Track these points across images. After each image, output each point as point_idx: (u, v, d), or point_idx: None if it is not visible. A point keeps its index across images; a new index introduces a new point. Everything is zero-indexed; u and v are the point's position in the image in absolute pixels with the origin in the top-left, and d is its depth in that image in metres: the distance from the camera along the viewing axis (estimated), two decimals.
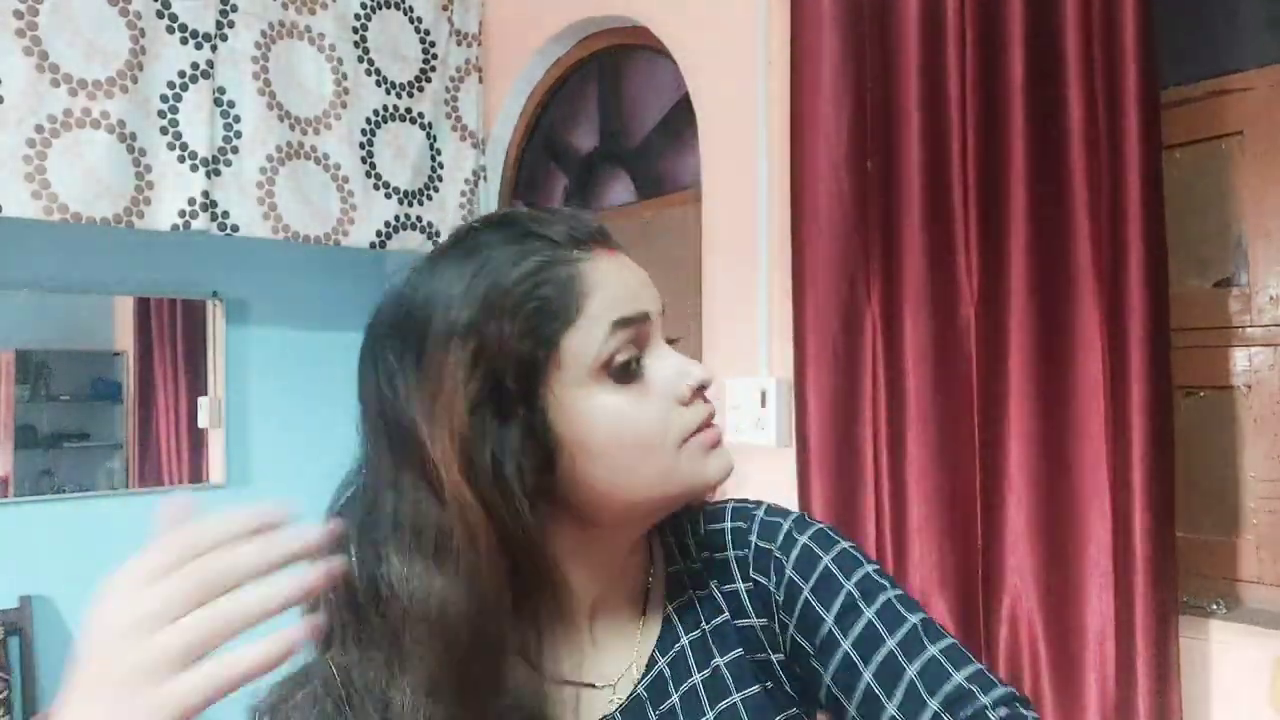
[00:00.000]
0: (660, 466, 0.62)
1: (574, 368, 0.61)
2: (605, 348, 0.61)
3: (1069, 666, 1.57)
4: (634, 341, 0.63)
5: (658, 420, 0.62)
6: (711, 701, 0.67)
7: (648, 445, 0.62)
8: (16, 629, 2.55)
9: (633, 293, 0.64)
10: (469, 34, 2.98)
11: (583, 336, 0.61)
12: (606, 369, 0.61)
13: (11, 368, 2.74)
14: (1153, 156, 1.50)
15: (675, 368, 0.64)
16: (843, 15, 1.90)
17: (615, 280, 0.63)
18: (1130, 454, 1.49)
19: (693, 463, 0.63)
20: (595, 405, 0.61)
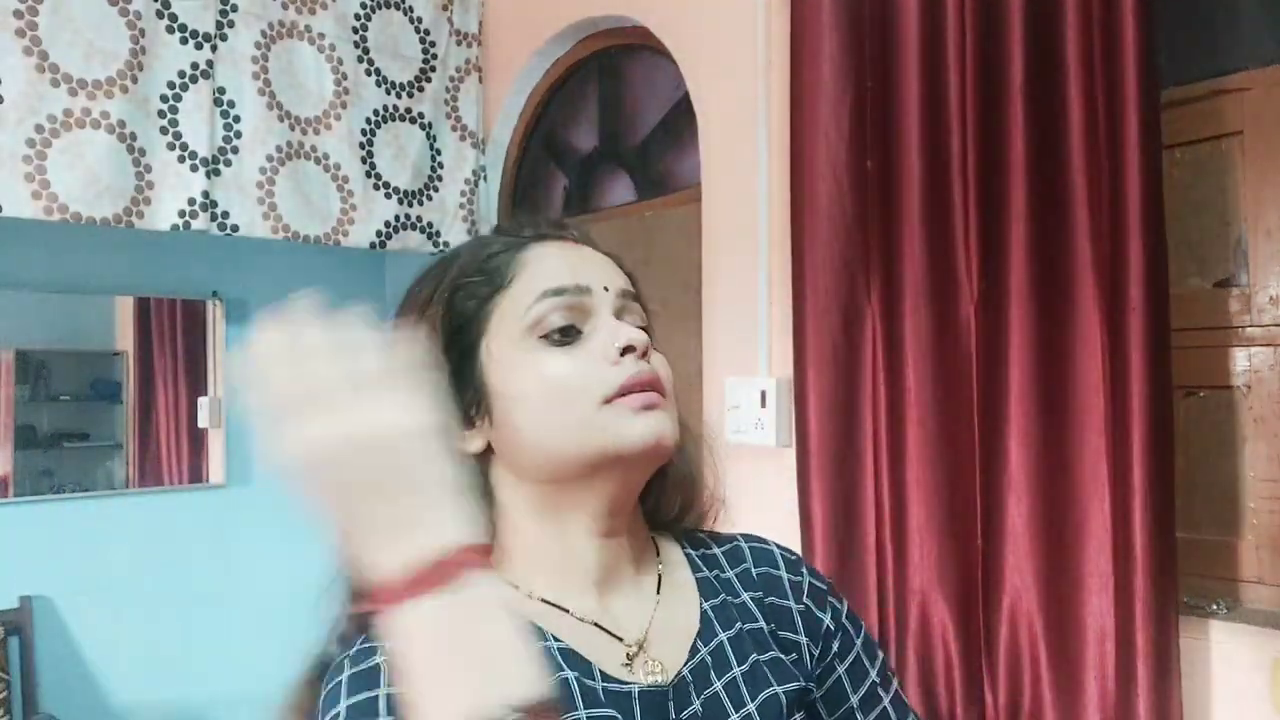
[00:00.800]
0: (578, 418, 0.65)
1: (508, 328, 0.68)
2: (533, 311, 0.67)
3: (1069, 666, 1.57)
4: (571, 309, 0.68)
5: (580, 375, 0.66)
6: (753, 693, 0.70)
7: (567, 396, 0.66)
8: (16, 629, 2.55)
9: (570, 268, 0.70)
10: (469, 34, 2.98)
11: (513, 301, 0.68)
12: (537, 330, 0.67)
13: (11, 368, 2.73)
14: (1153, 156, 1.50)
15: (608, 331, 0.68)
16: (843, 15, 1.90)
17: (555, 258, 0.71)
18: (1130, 454, 1.49)
19: (615, 421, 0.65)
20: (525, 360, 0.67)
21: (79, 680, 2.72)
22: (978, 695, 1.70)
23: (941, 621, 1.74)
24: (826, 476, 1.90)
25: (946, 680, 1.74)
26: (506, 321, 0.68)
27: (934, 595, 1.75)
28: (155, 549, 2.86)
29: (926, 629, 1.76)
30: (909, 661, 1.78)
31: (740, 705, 0.69)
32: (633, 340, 0.67)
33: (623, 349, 0.67)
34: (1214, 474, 1.66)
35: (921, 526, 1.76)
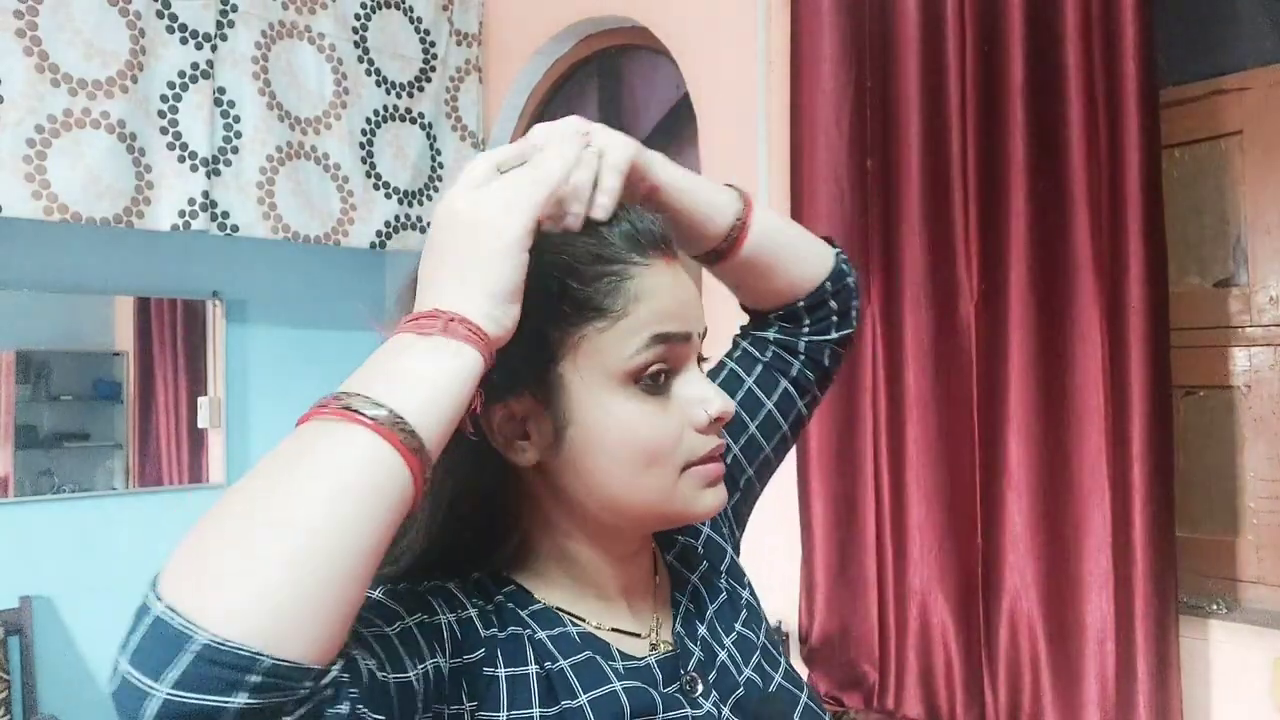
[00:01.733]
0: (661, 483, 0.63)
1: (604, 360, 0.62)
2: (640, 357, 0.62)
3: (1069, 666, 1.57)
4: (668, 358, 0.63)
5: (670, 438, 0.63)
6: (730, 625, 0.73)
7: (654, 458, 0.62)
8: (16, 629, 2.55)
9: (681, 310, 0.64)
10: (469, 34, 2.98)
11: (619, 336, 0.62)
12: (635, 376, 0.62)
13: (11, 368, 2.73)
14: (1152, 156, 1.50)
15: (700, 394, 0.64)
16: (843, 15, 1.90)
17: (666, 293, 0.64)
18: (1130, 453, 1.49)
19: (690, 490, 0.64)
20: (616, 405, 0.62)
21: (79, 680, 2.72)
22: (978, 695, 1.70)
23: (941, 621, 1.74)
24: (826, 477, 1.91)
25: (946, 680, 1.74)
26: (604, 354, 0.62)
27: (934, 595, 1.75)
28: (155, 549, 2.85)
29: (926, 629, 1.76)
30: (909, 661, 1.78)
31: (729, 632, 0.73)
32: (724, 413, 0.65)
33: (712, 420, 0.64)
34: (1214, 474, 1.66)
35: (921, 526, 1.76)
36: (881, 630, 1.83)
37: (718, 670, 0.69)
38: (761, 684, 0.71)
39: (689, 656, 0.68)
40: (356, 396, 0.49)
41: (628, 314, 0.62)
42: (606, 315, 0.61)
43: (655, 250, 0.64)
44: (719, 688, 0.68)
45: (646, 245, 0.64)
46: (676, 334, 0.63)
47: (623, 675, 0.63)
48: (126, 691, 0.43)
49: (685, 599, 0.73)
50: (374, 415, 0.48)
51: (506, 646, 0.61)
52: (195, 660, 0.42)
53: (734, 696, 0.68)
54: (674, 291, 0.64)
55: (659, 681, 0.65)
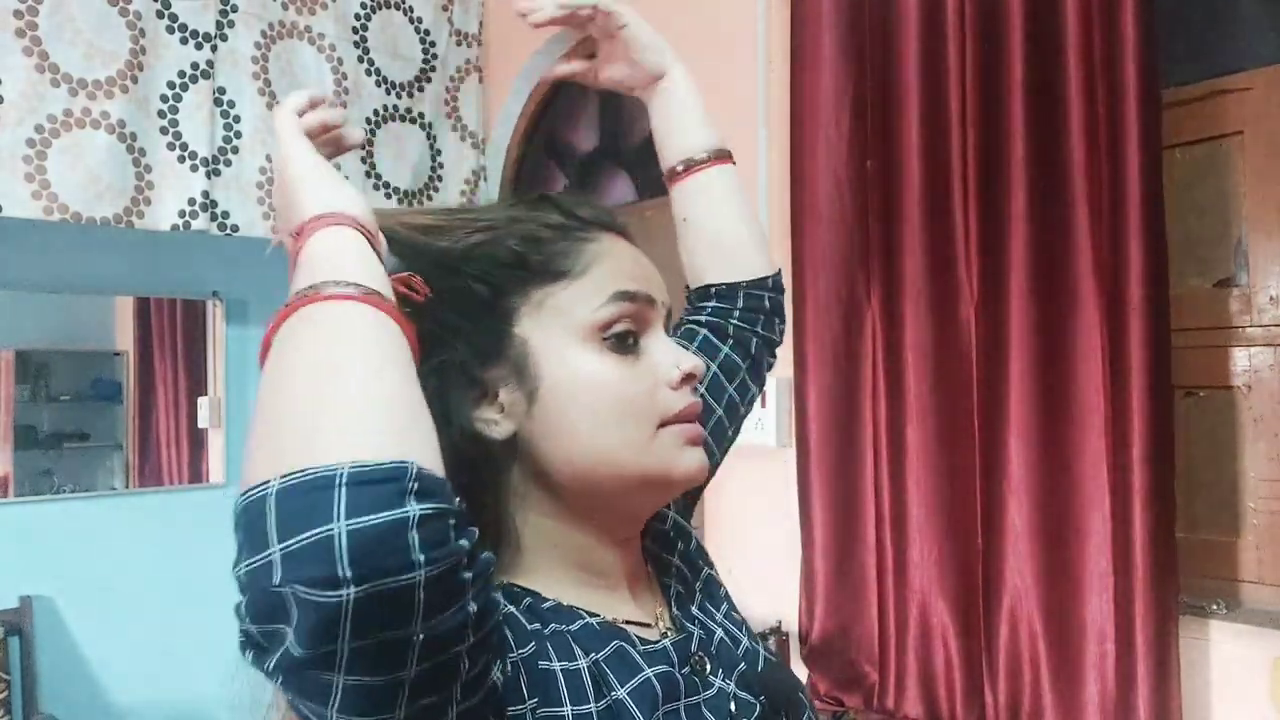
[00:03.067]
0: (635, 439, 0.63)
1: (567, 320, 0.63)
2: (603, 311, 0.63)
3: (1069, 666, 1.57)
4: (634, 318, 0.65)
5: (642, 393, 0.64)
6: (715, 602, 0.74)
7: (626, 412, 0.63)
8: (16, 629, 2.55)
9: (642, 274, 0.67)
10: (469, 34, 2.98)
11: (580, 294, 0.64)
12: (602, 332, 0.64)
13: (11, 368, 2.73)
14: (1153, 156, 1.50)
15: (670, 352, 0.66)
16: (843, 15, 1.90)
17: (628, 258, 0.67)
18: (1130, 454, 1.49)
19: (667, 449, 0.64)
20: (586, 361, 0.63)
21: (79, 680, 2.72)
22: (978, 695, 1.70)
23: (941, 621, 1.74)
24: (826, 477, 1.91)
25: (946, 680, 1.74)
26: (565, 314, 0.64)
27: (934, 595, 1.75)
28: (155, 549, 2.85)
29: (926, 629, 1.76)
30: (909, 661, 1.78)
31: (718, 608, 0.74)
32: (696, 369, 0.66)
33: (684, 375, 0.65)
34: (1214, 474, 1.66)
35: (921, 526, 1.76)
36: (881, 630, 1.83)
37: (717, 646, 0.69)
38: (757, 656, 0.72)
39: (690, 637, 0.68)
40: (316, 286, 0.53)
41: (588, 273, 0.65)
42: (567, 275, 0.64)
43: (615, 230, 0.69)
44: (722, 664, 0.68)
45: (609, 225, 0.68)
46: (639, 293, 0.65)
47: (649, 660, 0.63)
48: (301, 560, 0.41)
49: (673, 581, 0.73)
50: (342, 291, 0.52)
51: (554, 641, 0.60)
52: (350, 489, 0.41)
53: (737, 671, 0.69)
54: (636, 257, 0.68)
55: (676, 664, 0.65)
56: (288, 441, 0.45)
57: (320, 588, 0.40)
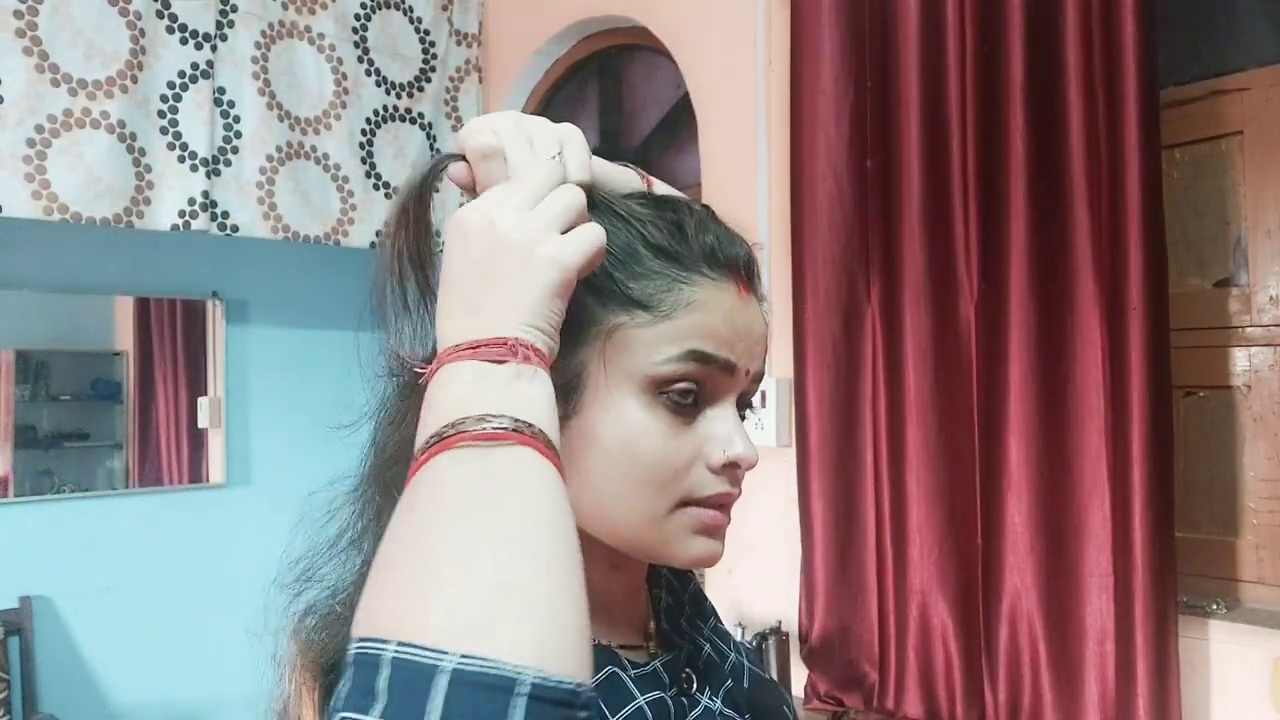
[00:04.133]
0: (652, 508, 0.58)
1: (632, 363, 0.57)
2: (669, 367, 0.56)
3: (1069, 666, 1.57)
4: (703, 380, 0.58)
5: (676, 461, 0.58)
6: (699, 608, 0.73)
7: (651, 477, 0.57)
8: (16, 629, 2.55)
9: (733, 337, 0.59)
10: (469, 34, 2.98)
11: (657, 340, 0.57)
12: (660, 386, 0.57)
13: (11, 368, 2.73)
14: (1152, 156, 1.50)
15: (726, 431, 0.59)
16: (843, 15, 1.90)
17: (722, 315, 0.58)
18: (1130, 454, 1.49)
19: (680, 530, 0.59)
20: (630, 408, 0.57)
21: (79, 680, 2.72)
22: (978, 695, 1.70)
23: (941, 621, 1.74)
24: (826, 476, 1.91)
25: (946, 680, 1.74)
26: (635, 352, 0.57)
27: (934, 595, 1.75)
28: (155, 549, 2.86)
29: (926, 629, 1.76)
30: (909, 661, 1.78)
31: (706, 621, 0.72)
32: (742, 460, 0.59)
33: (727, 462, 0.59)
34: (1214, 474, 1.66)
35: (921, 526, 1.76)
36: (881, 630, 1.83)
37: (705, 663, 0.68)
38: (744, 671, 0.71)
39: (679, 653, 0.67)
40: (498, 417, 0.46)
41: (673, 318, 0.57)
42: (650, 311, 0.57)
43: (730, 274, 0.60)
44: (709, 680, 0.67)
45: (724, 265, 0.60)
46: (717, 357, 0.57)
47: (640, 685, 0.61)
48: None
49: (663, 593, 0.71)
50: (532, 433, 0.46)
51: None
52: (531, 702, 0.38)
53: (724, 688, 0.67)
54: (732, 316, 0.59)
55: (667, 685, 0.63)
56: (469, 604, 0.40)
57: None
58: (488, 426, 0.46)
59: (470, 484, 0.45)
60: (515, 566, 0.42)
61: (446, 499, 0.44)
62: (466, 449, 0.45)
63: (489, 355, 0.49)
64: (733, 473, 0.60)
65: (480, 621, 0.40)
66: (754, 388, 0.63)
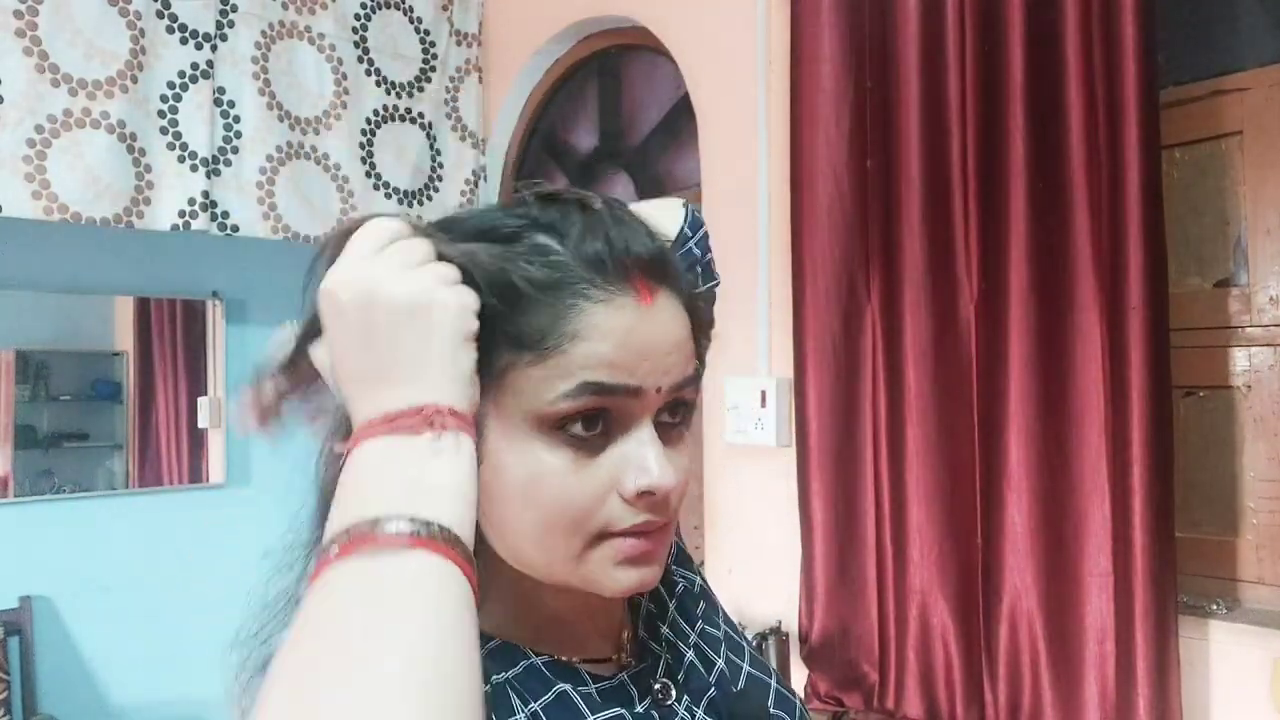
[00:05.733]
0: (565, 549, 0.55)
1: (525, 404, 0.54)
2: (562, 404, 0.53)
3: (1069, 666, 1.57)
4: (607, 409, 0.54)
5: (584, 500, 0.54)
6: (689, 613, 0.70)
7: (558, 520, 0.54)
8: (16, 629, 2.55)
9: (633, 360, 0.54)
10: (469, 34, 2.98)
11: (548, 378, 0.53)
12: (556, 424, 0.53)
13: (11, 368, 2.73)
14: (1152, 156, 1.50)
15: (638, 458, 0.55)
16: (843, 15, 1.90)
17: (620, 338, 0.54)
18: (1130, 454, 1.49)
19: (597, 566, 0.56)
20: (529, 452, 0.54)
21: (79, 680, 2.72)
22: (978, 695, 1.70)
23: (941, 621, 1.74)
24: (826, 476, 1.91)
25: (946, 680, 1.74)
26: (526, 393, 0.53)
27: (934, 595, 1.75)
28: (155, 549, 2.86)
29: (926, 629, 1.76)
30: (909, 661, 1.78)
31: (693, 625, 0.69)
32: (654, 488, 0.54)
33: (640, 492, 0.54)
34: (1214, 474, 1.66)
35: (921, 526, 1.76)
36: (881, 630, 1.83)
37: (686, 670, 0.66)
38: (731, 677, 0.68)
39: (655, 663, 0.65)
40: (395, 519, 0.44)
41: (562, 351, 0.53)
42: (535, 349, 0.53)
43: (626, 281, 0.54)
44: (690, 690, 0.64)
45: (615, 273, 0.54)
46: (616, 386, 0.53)
47: (597, 703, 0.59)
48: None
49: (646, 599, 0.69)
50: (429, 534, 0.44)
51: (494, 694, 0.55)
52: None
53: (706, 697, 0.65)
54: (631, 337, 0.54)
55: (635, 698, 0.61)
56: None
57: None
58: (386, 531, 0.44)
59: (353, 612, 0.42)
60: (389, 709, 0.40)
61: (329, 631, 0.42)
62: (361, 559, 0.43)
63: (404, 427, 0.47)
64: (650, 500, 0.55)
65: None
66: (683, 394, 0.58)
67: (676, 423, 0.59)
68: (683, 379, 0.57)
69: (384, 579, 0.43)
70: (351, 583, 0.43)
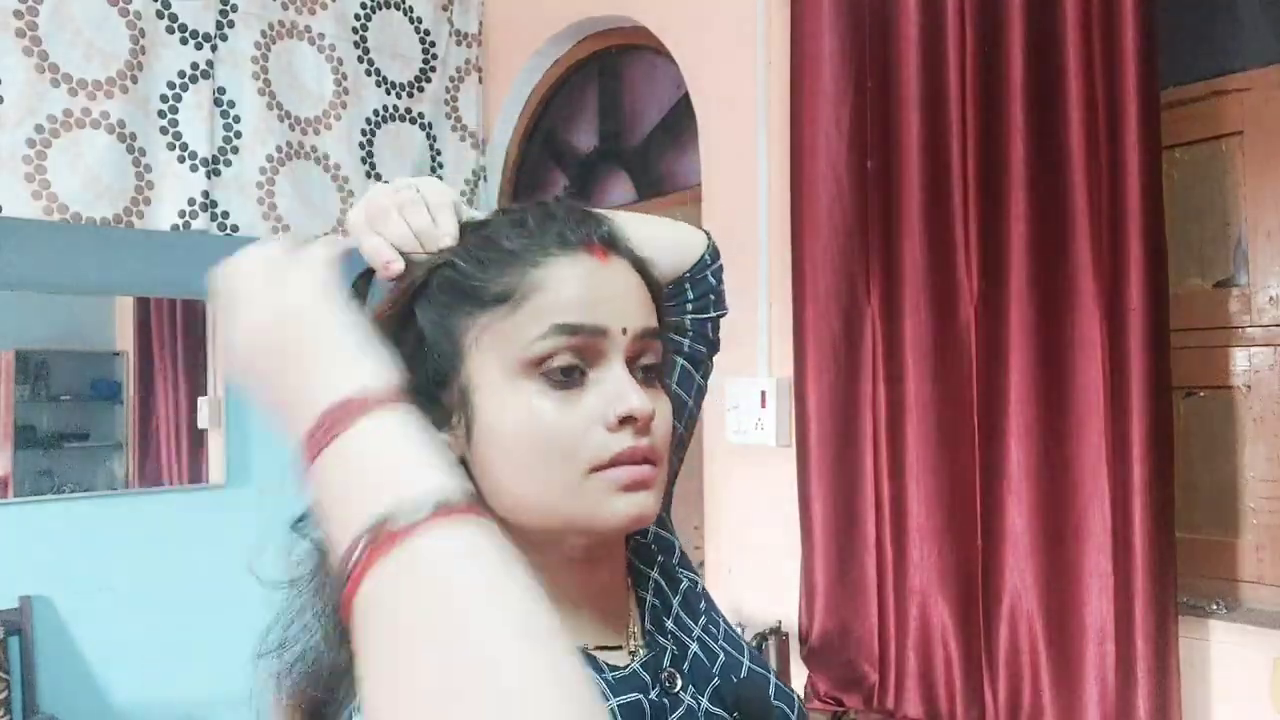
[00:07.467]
0: (559, 483, 0.59)
1: (504, 352, 0.60)
2: (538, 345, 0.59)
3: (1069, 666, 1.57)
4: (579, 350, 0.60)
5: (570, 432, 0.59)
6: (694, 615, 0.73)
7: (552, 454, 0.59)
8: (16, 629, 2.55)
9: (590, 300, 0.61)
10: (469, 34, 2.98)
11: (517, 327, 0.60)
12: (538, 367, 0.60)
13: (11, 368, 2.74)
14: (1153, 156, 1.50)
15: (613, 390, 0.60)
16: (843, 15, 1.90)
17: (575, 284, 0.61)
18: (1130, 454, 1.49)
19: (595, 495, 0.60)
20: (514, 396, 0.60)
21: (79, 680, 2.72)
22: (978, 695, 1.70)
23: (941, 621, 1.74)
24: (826, 476, 1.90)
25: (946, 680, 1.74)
26: (503, 345, 0.60)
27: (934, 595, 1.75)
28: (155, 549, 2.86)
29: (926, 629, 1.76)
30: (909, 661, 1.78)
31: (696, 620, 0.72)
32: (634, 411, 0.60)
33: (622, 418, 0.60)
34: (1214, 474, 1.66)
35: (921, 526, 1.76)
36: (881, 630, 1.83)
37: (690, 662, 0.69)
38: (734, 669, 0.71)
39: (662, 653, 0.68)
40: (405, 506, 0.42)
41: (528, 301, 0.60)
42: (504, 302, 0.60)
43: (583, 246, 0.62)
44: (694, 680, 0.68)
45: (574, 242, 0.62)
46: (584, 325, 0.60)
47: (614, 688, 0.62)
48: None
49: (650, 594, 0.72)
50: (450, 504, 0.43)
51: None
52: None
53: (710, 686, 0.68)
54: (590, 280, 0.61)
55: (647, 686, 0.64)
56: None
57: None
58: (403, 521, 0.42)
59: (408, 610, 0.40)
60: (507, 665, 0.38)
61: (419, 642, 0.40)
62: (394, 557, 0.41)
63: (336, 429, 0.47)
64: (633, 426, 0.60)
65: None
66: (648, 345, 0.64)
67: (652, 373, 0.64)
68: (646, 326, 0.63)
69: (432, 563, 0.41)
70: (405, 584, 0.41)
